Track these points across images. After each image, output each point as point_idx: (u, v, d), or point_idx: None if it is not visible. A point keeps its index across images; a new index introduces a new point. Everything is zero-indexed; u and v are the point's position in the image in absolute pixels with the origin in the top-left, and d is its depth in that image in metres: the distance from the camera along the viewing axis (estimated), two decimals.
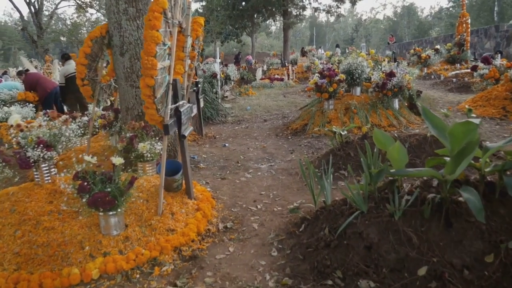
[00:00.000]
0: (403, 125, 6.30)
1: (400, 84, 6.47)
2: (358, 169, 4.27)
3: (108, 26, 4.50)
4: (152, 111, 2.76)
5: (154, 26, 2.50)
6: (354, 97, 6.85)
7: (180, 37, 3.27)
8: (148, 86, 2.61)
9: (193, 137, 6.54)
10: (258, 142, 6.30)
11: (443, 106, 8.11)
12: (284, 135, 6.62)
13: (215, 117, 8.39)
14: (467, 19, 14.32)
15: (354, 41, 62.47)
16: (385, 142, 2.55)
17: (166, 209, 3.10)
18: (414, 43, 25.08)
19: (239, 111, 9.48)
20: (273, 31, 74.27)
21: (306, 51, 24.46)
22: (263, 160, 5.18)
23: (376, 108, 6.60)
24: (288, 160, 5.05)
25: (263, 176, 4.48)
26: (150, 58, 2.52)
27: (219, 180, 4.42)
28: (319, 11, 25.22)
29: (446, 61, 14.31)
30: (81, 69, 4.46)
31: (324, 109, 6.70)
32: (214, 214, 3.33)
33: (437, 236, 2.26)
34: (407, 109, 6.77)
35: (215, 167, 4.93)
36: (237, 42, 33.74)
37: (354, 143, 4.50)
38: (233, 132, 7.29)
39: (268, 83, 15.07)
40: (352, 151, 4.42)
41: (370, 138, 4.50)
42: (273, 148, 5.79)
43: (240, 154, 5.52)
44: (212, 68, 9.71)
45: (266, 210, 3.46)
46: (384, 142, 2.55)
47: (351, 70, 6.75)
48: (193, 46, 5.96)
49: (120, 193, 2.72)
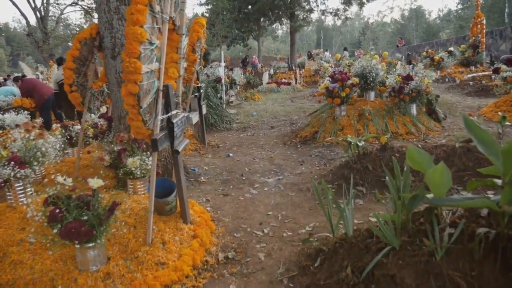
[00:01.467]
0: (422, 133, 5.79)
1: (419, 88, 5.96)
2: (377, 184, 3.78)
3: (98, 26, 4.09)
4: (138, 123, 2.31)
5: (137, 21, 2.06)
6: (368, 103, 6.36)
7: (173, 36, 2.82)
8: (131, 93, 2.16)
9: (194, 146, 6.09)
10: (265, 151, 5.84)
11: (463, 111, 7.58)
12: (292, 144, 6.14)
13: (219, 124, 7.95)
14: (482, 20, 13.73)
15: (361, 44, 61.92)
16: (421, 161, 2.05)
17: (157, 237, 2.64)
18: (424, 45, 24.47)
19: (244, 117, 9.03)
20: (280, 35, 74.04)
21: (313, 54, 24.03)
22: (270, 172, 4.70)
23: (392, 114, 6.10)
24: (297, 173, 4.57)
25: (270, 192, 4.00)
26: (133, 60, 2.07)
27: (221, 196, 3.95)
28: (327, 13, 24.76)
29: (460, 64, 13.72)
30: (68, 74, 4.04)
31: (336, 116, 6.22)
32: (213, 241, 2.86)
33: (492, 283, 1.77)
34: (425, 115, 6.26)
35: (217, 181, 4.47)
36: (244, 46, 33.38)
37: (372, 155, 4.01)
38: (238, 140, 6.84)
39: (275, 88, 14.63)
40: (370, 164, 3.93)
41: (391, 149, 4.01)
42: (281, 159, 5.31)
43: (245, 166, 5.06)
44: (216, 72, 9.29)
45: (274, 236, 2.98)
46: (420, 162, 2.06)
47: (365, 73, 6.26)
48: (194, 49, 5.53)
49: (99, 222, 2.26)
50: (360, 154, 4.05)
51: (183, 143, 2.77)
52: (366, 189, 3.73)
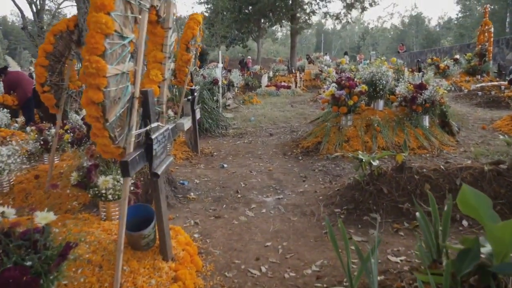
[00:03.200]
0: (436, 147, 5.29)
1: (433, 98, 5.47)
2: (393, 211, 3.27)
3: (77, 18, 3.55)
4: (104, 140, 1.78)
5: (102, 5, 1.53)
6: (377, 112, 5.85)
7: (157, 30, 2.29)
8: (93, 102, 1.63)
9: (186, 155, 5.55)
10: (263, 163, 5.31)
11: (475, 123, 7.10)
12: (293, 155, 5.61)
13: (214, 129, 7.41)
14: (490, 28, 13.31)
15: (361, 49, 61.71)
16: (478, 206, 1.52)
17: (128, 281, 2.10)
18: (426, 52, 24.07)
19: (241, 122, 8.50)
20: (279, 37, 73.68)
21: (312, 58, 23.57)
22: (269, 189, 4.18)
23: (403, 125, 5.59)
24: (300, 191, 4.05)
25: (268, 215, 3.47)
26: (95, 58, 1.54)
27: (212, 219, 3.41)
28: (329, 16, 24.29)
29: (466, 72, 13.27)
30: (40, 72, 3.49)
31: (341, 125, 5.70)
32: (199, 284, 2.32)
33: None
34: (439, 128, 5.76)
35: (208, 198, 3.94)
36: (243, 47, 32.87)
37: (387, 175, 3.49)
38: (234, 148, 6.30)
39: (274, 91, 14.11)
40: (385, 187, 3.41)
41: (409, 170, 3.49)
42: (280, 172, 4.78)
43: (240, 180, 4.53)
44: (213, 73, 8.75)
45: (274, 277, 2.45)
46: (477, 207, 1.52)
47: (374, 80, 5.75)
48: (189, 48, 5.00)
49: (47, 269, 1.73)
50: (373, 174, 3.53)
51: (165, 162, 2.23)
52: (380, 216, 3.21)
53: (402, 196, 3.34)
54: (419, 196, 3.29)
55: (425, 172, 3.43)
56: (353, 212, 3.33)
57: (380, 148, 5.29)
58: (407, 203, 3.26)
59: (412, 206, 3.23)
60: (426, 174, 3.40)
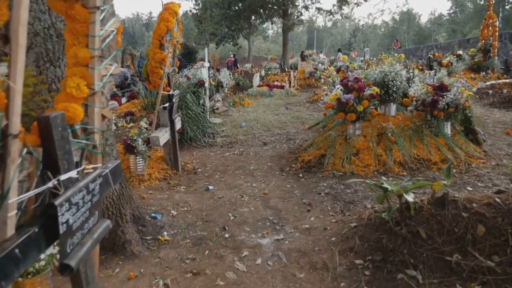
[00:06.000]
0: (463, 161, 4.43)
1: (457, 102, 4.61)
2: (438, 264, 2.38)
3: None
4: None
5: None
6: (390, 118, 4.98)
7: (76, 10, 1.37)
8: None
9: (164, 174, 4.62)
10: (257, 182, 4.40)
11: (495, 127, 6.28)
12: (292, 171, 4.72)
13: (200, 138, 6.47)
14: (494, 21, 12.57)
15: (352, 46, 61.29)
16: None
17: None
18: (422, 48, 23.40)
19: (231, 129, 7.57)
20: (270, 34, 72.93)
21: (306, 55, 22.75)
22: (265, 224, 3.27)
23: (422, 134, 4.73)
24: (305, 228, 3.14)
25: (266, 269, 2.57)
26: None
27: (188, 278, 2.50)
28: (322, 12, 23.41)
29: (470, 69, 12.52)
30: None
31: (349, 135, 4.82)
32: None
33: None
34: (462, 136, 4.90)
35: (186, 240, 3.02)
36: (233, 45, 31.89)
37: (423, 212, 2.61)
38: (222, 162, 5.38)
39: (267, 91, 13.20)
40: (423, 229, 2.52)
41: (453, 204, 2.61)
42: (278, 197, 3.88)
43: (229, 209, 3.61)
44: (198, 74, 7.80)
45: None
46: None
47: (386, 81, 4.88)
48: (163, 44, 4.07)
49: None
50: (405, 210, 2.65)
51: (90, 239, 1.30)
52: (421, 274, 2.32)
53: (447, 243, 2.45)
54: (472, 242, 2.41)
55: (476, 207, 2.55)
56: (381, 266, 2.44)
57: (397, 163, 4.42)
58: (457, 253, 2.38)
59: (464, 257, 2.36)
60: (477, 211, 2.52)
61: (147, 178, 4.39)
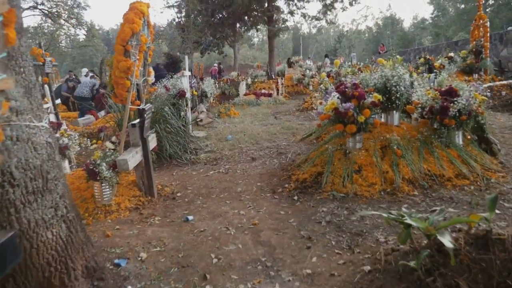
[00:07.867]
0: (480, 175, 3.87)
1: (469, 108, 4.07)
2: None
3: None
4: None
5: None
6: (393, 128, 4.41)
7: None
8: None
9: (135, 202, 3.94)
10: (245, 209, 3.76)
11: (504, 134, 5.78)
12: (286, 193, 4.09)
13: (181, 155, 5.81)
14: (485, 22, 12.22)
15: (338, 52, 61.50)
16: None
17: None
18: (409, 52, 23.17)
19: (216, 143, 6.93)
20: (255, 42, 72.82)
21: (293, 61, 22.34)
22: (256, 268, 2.62)
23: (431, 146, 4.16)
24: (306, 273, 2.50)
25: None
26: None
27: None
28: (307, 18, 23.02)
29: (462, 71, 12.12)
30: None
31: (348, 149, 4.23)
32: None
33: None
34: (476, 147, 4.36)
35: None
36: (219, 54, 31.32)
37: (461, 256, 2.00)
38: (205, 182, 4.73)
39: (254, 100, 12.64)
40: (464, 281, 1.91)
41: (500, 245, 2.01)
42: (271, 229, 3.25)
43: (212, 248, 2.96)
44: (178, 84, 7.15)
45: None
46: None
47: (389, 87, 4.32)
48: (127, 51, 3.43)
49: None
50: (436, 255, 2.04)
51: None
52: None
53: None
54: None
55: None
56: None
57: (406, 180, 3.83)
58: None
59: None
60: None
61: (115, 208, 3.71)
